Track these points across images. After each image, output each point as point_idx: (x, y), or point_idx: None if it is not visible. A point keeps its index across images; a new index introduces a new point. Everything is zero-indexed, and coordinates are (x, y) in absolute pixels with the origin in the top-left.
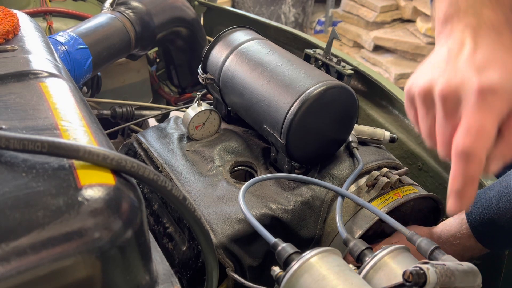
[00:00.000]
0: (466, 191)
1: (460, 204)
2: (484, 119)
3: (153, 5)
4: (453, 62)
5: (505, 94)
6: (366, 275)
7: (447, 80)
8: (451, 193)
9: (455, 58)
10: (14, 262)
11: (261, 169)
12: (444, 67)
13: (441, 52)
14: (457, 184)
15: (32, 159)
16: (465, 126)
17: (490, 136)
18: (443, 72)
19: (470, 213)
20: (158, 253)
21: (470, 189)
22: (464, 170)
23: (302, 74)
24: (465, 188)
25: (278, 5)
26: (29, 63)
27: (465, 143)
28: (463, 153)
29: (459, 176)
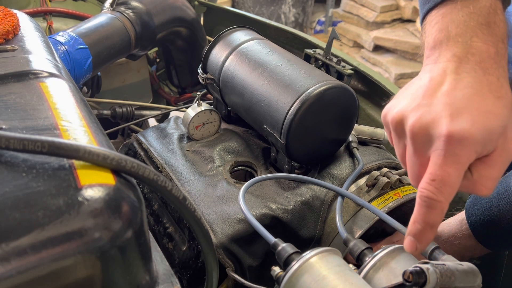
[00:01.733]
0: (423, 236)
1: (416, 247)
2: (450, 169)
3: (153, 5)
4: (429, 97)
5: (474, 145)
6: (366, 275)
7: (419, 116)
8: (409, 234)
9: (433, 92)
10: (14, 262)
11: (261, 169)
12: (419, 101)
13: (422, 82)
14: (416, 227)
15: (32, 159)
16: (430, 174)
17: (454, 187)
18: (417, 107)
19: (470, 214)
20: (158, 253)
21: (428, 234)
22: (425, 216)
23: (302, 74)
24: (423, 232)
25: (278, 5)
26: (29, 63)
27: (428, 191)
28: (426, 199)
29: (420, 221)
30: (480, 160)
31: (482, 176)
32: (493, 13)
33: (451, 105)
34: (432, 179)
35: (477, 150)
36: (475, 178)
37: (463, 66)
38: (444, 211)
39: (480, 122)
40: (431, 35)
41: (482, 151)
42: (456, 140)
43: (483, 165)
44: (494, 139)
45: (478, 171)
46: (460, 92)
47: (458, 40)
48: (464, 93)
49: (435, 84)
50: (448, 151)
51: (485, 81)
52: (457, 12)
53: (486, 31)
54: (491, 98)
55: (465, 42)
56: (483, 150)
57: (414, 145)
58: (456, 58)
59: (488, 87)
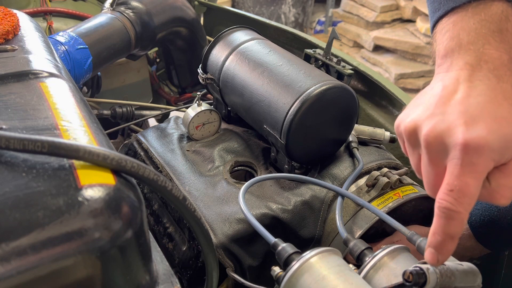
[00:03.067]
0: (444, 247)
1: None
2: (468, 179)
3: (153, 5)
4: (443, 105)
5: (491, 153)
6: (366, 275)
7: (433, 125)
8: (429, 246)
9: (447, 101)
10: (14, 262)
11: (261, 169)
12: (432, 110)
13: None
14: (436, 239)
15: (32, 159)
16: (448, 184)
17: (473, 197)
18: (431, 116)
19: (470, 215)
20: (158, 253)
21: (448, 246)
22: (444, 227)
23: (302, 74)
24: (443, 244)
25: (278, 5)
26: (29, 63)
27: (447, 202)
28: (445, 211)
29: (440, 233)
30: (498, 169)
31: (500, 185)
32: (504, 19)
33: (465, 113)
34: (450, 189)
35: (494, 158)
36: (493, 187)
37: (476, 74)
38: (464, 221)
39: (496, 130)
40: (442, 44)
41: (500, 159)
42: (473, 149)
43: (501, 174)
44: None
45: (496, 179)
46: (474, 100)
47: (470, 48)
48: (479, 101)
49: (449, 93)
50: (465, 160)
51: (499, 89)
52: (468, 20)
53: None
54: (506, 105)
55: (477, 49)
56: (500, 158)
57: (429, 155)
58: (469, 66)
59: (502, 94)
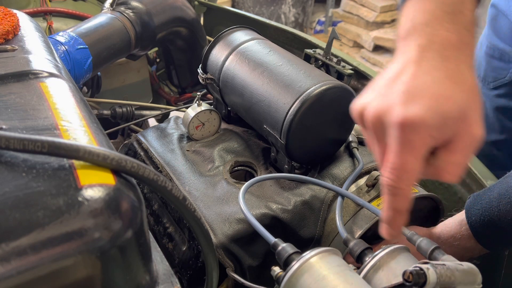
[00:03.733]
0: (394, 222)
1: (391, 233)
2: (407, 156)
3: (153, 5)
4: (389, 86)
5: (427, 130)
6: (366, 275)
7: (376, 106)
8: (382, 221)
9: (393, 82)
10: (14, 262)
11: (261, 169)
12: (379, 91)
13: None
14: (387, 214)
15: (32, 159)
16: (389, 162)
17: (414, 173)
18: (377, 96)
19: (470, 215)
20: (158, 253)
21: (398, 220)
22: (391, 203)
23: (302, 74)
24: (394, 218)
25: (278, 5)
26: (29, 63)
27: (388, 180)
28: (389, 188)
29: (388, 209)
30: (444, 147)
31: (445, 162)
32: (459, 2)
33: (406, 93)
34: (391, 168)
35: (432, 135)
36: (439, 164)
37: (424, 54)
38: (409, 196)
39: (434, 107)
40: (403, 26)
41: (440, 136)
42: (408, 126)
43: (446, 151)
44: (450, 123)
45: (441, 157)
46: (417, 80)
47: (423, 29)
48: (422, 81)
49: (397, 74)
50: (402, 138)
51: (443, 68)
52: (425, 2)
53: (451, 19)
54: (448, 83)
55: (429, 31)
56: (441, 134)
57: (374, 134)
58: (419, 48)
59: (445, 73)
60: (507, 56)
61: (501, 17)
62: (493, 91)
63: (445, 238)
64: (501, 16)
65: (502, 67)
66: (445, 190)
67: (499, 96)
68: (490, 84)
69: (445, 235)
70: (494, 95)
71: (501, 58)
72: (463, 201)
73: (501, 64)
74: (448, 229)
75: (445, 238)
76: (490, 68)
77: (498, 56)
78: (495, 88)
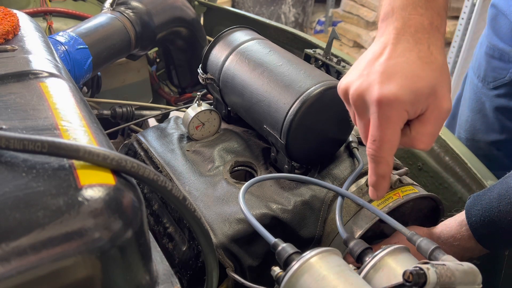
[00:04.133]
0: (379, 185)
1: (377, 194)
2: (385, 130)
3: (153, 5)
4: (369, 67)
5: (402, 105)
6: (366, 275)
7: (357, 85)
8: (370, 185)
9: (372, 63)
10: (14, 262)
11: (261, 169)
12: (361, 71)
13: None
14: (372, 179)
15: (32, 159)
16: (371, 135)
17: (393, 143)
18: (359, 76)
19: (470, 215)
20: (158, 253)
21: (382, 184)
22: (375, 169)
23: (302, 74)
24: (378, 183)
25: (278, 5)
26: (29, 63)
27: (371, 150)
28: (372, 157)
29: (372, 174)
30: (417, 119)
31: (418, 132)
32: None
33: (383, 73)
34: (373, 140)
35: (407, 109)
36: (413, 134)
37: (400, 37)
38: (390, 163)
39: (407, 86)
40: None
41: (414, 110)
42: (385, 103)
43: (419, 123)
44: (422, 99)
45: (415, 128)
46: (393, 61)
47: (399, 13)
48: (397, 62)
49: (376, 56)
50: (380, 113)
51: (416, 50)
52: None
53: (424, 5)
54: (419, 64)
55: (404, 15)
56: (414, 109)
57: (356, 110)
58: (396, 30)
59: (417, 54)
60: (507, 56)
61: (501, 17)
62: (493, 91)
63: (445, 238)
64: (501, 16)
65: (502, 67)
66: (445, 190)
67: (499, 96)
68: (490, 84)
69: (445, 235)
70: (494, 95)
71: (501, 58)
72: (463, 201)
73: (501, 64)
74: (448, 229)
75: (445, 238)
76: (490, 68)
77: (498, 56)
78: (495, 88)
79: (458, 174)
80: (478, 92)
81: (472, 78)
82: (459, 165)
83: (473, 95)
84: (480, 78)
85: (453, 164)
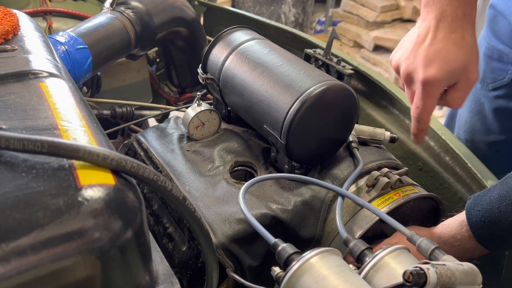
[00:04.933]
0: (419, 136)
1: (418, 140)
2: (426, 101)
3: (153, 5)
4: (415, 50)
5: (440, 83)
6: (366, 275)
7: (407, 65)
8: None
9: (418, 47)
10: (14, 262)
11: (261, 169)
12: (408, 54)
13: (412, 36)
14: (414, 131)
15: (32, 159)
16: (415, 103)
17: (431, 109)
18: (408, 58)
19: (470, 216)
20: (158, 253)
21: (421, 134)
22: (416, 126)
23: (302, 74)
24: (418, 134)
25: (278, 5)
26: (29, 63)
27: (415, 114)
28: (414, 118)
29: (415, 128)
30: (451, 87)
31: (452, 97)
32: None
33: (426, 58)
34: (416, 106)
35: (443, 84)
36: (448, 98)
37: (439, 25)
38: (428, 121)
39: (445, 68)
40: None
41: (448, 84)
42: (427, 83)
43: (453, 90)
44: (456, 75)
45: (450, 94)
46: (433, 47)
47: (438, 4)
48: (436, 48)
49: (420, 41)
50: (423, 90)
51: (452, 38)
52: None
53: None
54: (454, 49)
55: (441, 6)
56: (449, 83)
57: (406, 84)
58: (435, 19)
59: (453, 41)
60: (506, 57)
61: (500, 17)
62: (492, 92)
63: (445, 238)
64: (500, 16)
65: (501, 68)
66: (445, 190)
67: (498, 97)
68: (489, 85)
69: (446, 236)
70: (493, 96)
71: (500, 59)
72: (463, 201)
73: (500, 65)
74: (449, 230)
75: (445, 238)
76: (489, 69)
77: (497, 57)
78: (494, 89)
79: (458, 174)
80: (477, 93)
81: None
82: (459, 165)
83: (472, 96)
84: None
85: (453, 164)
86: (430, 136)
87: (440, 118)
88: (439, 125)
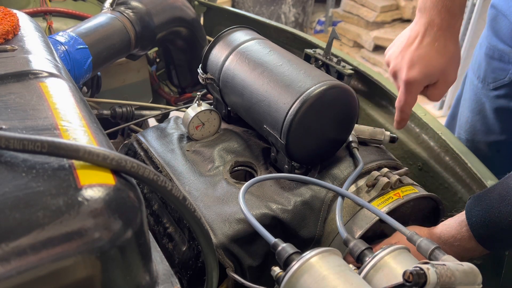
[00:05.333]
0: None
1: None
2: (407, 97)
3: (153, 5)
4: (404, 51)
5: (420, 84)
6: (366, 275)
7: (395, 64)
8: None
9: (406, 48)
10: (14, 262)
11: (261, 169)
12: (398, 53)
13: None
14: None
15: (32, 159)
16: (398, 97)
17: (411, 104)
18: (396, 57)
19: (470, 216)
20: (158, 253)
21: (403, 122)
22: (399, 115)
23: (302, 74)
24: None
25: (278, 5)
26: (29, 63)
27: (398, 105)
28: (398, 109)
29: (398, 116)
30: (432, 85)
31: (431, 92)
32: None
33: (410, 60)
34: (399, 100)
35: (423, 84)
36: (428, 93)
37: (426, 33)
38: (409, 112)
39: (424, 72)
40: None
41: (429, 83)
42: (409, 83)
43: (432, 88)
44: (434, 78)
45: (430, 90)
46: (418, 52)
47: (429, 12)
48: (420, 53)
49: (409, 43)
50: (405, 87)
51: (435, 46)
52: None
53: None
54: (435, 55)
55: (431, 15)
56: (429, 82)
57: (393, 79)
58: (424, 26)
59: (436, 49)
60: (507, 57)
61: (501, 17)
62: (493, 92)
63: (445, 238)
64: (501, 16)
65: (502, 68)
66: (445, 190)
67: (499, 97)
68: (490, 85)
69: (446, 236)
70: (494, 96)
71: (501, 59)
72: (463, 201)
73: (501, 65)
74: (449, 230)
75: (445, 238)
76: (490, 69)
77: (498, 57)
78: (495, 89)
79: (458, 174)
80: (478, 93)
81: (472, 78)
82: (459, 165)
83: (473, 96)
84: (480, 79)
85: (453, 164)
86: (430, 136)
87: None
88: (439, 125)
